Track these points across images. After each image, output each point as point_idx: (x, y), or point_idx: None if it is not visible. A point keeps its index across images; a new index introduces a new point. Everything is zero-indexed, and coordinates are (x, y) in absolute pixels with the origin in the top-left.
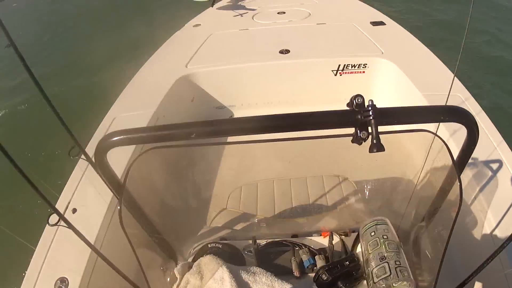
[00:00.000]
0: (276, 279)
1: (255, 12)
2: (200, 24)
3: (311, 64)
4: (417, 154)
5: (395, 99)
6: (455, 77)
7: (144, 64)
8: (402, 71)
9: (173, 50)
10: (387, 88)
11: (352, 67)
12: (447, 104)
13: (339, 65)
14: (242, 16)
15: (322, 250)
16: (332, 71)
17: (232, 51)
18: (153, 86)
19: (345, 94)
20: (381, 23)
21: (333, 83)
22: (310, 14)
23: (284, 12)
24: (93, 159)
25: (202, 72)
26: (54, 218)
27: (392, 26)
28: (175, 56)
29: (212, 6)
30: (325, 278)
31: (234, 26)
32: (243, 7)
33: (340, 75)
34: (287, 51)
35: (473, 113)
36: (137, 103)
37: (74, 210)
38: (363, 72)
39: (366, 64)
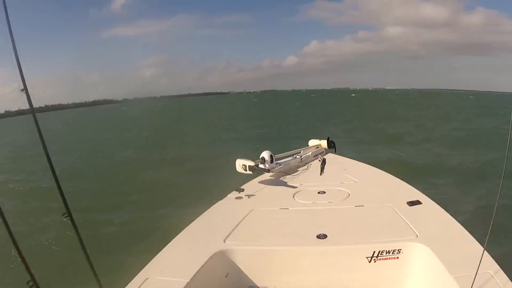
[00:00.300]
0: None
1: (296, 190)
2: (242, 197)
3: (347, 251)
4: None
5: (428, 283)
6: (485, 251)
7: (185, 229)
8: (434, 254)
9: (213, 221)
10: (420, 272)
11: (386, 253)
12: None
13: (374, 252)
14: (284, 192)
15: None
16: (366, 257)
17: (271, 230)
18: (190, 255)
19: (377, 282)
20: (418, 202)
21: (366, 269)
22: (349, 194)
23: (325, 192)
24: None
25: (240, 249)
26: None
27: (428, 204)
28: (215, 227)
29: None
30: None
31: (275, 203)
32: (285, 184)
33: (375, 261)
34: (325, 236)
35: None
36: (172, 267)
37: None
38: (397, 258)
39: (401, 249)
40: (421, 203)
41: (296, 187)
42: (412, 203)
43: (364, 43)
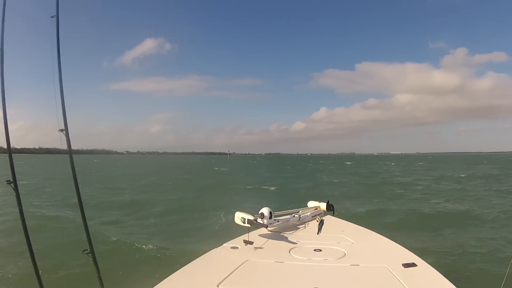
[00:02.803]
0: None
1: (293, 246)
2: (238, 247)
3: None
4: None
5: None
6: None
7: (179, 270)
8: None
9: (208, 266)
10: None
11: None
12: None
13: None
14: (280, 247)
15: None
16: None
17: (265, 282)
18: None
19: None
20: (413, 265)
21: None
22: (345, 254)
23: (321, 250)
24: None
25: None
26: None
27: (423, 267)
28: (210, 272)
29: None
30: None
31: (271, 256)
32: (282, 239)
33: None
34: None
35: None
36: None
37: None
38: None
39: None
40: (416, 265)
41: (293, 243)
42: (407, 265)
43: (372, 110)
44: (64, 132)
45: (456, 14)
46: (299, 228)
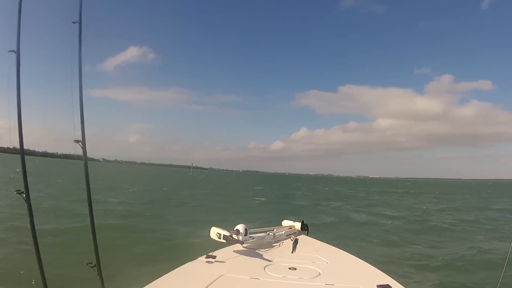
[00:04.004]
0: None
1: (268, 263)
2: (213, 262)
3: None
4: None
5: None
6: None
7: (151, 283)
8: None
9: (182, 280)
10: None
11: None
12: None
13: None
14: (255, 264)
15: None
16: None
17: None
18: None
19: None
20: (387, 286)
21: None
22: (320, 273)
23: (296, 268)
24: None
25: None
26: None
27: None
28: (184, 285)
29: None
30: None
31: (246, 272)
32: (257, 255)
33: None
34: None
35: None
36: None
37: None
38: None
39: None
40: (391, 287)
41: (268, 260)
42: (381, 287)
43: (353, 133)
44: (80, 143)
45: (443, 41)
46: (274, 246)
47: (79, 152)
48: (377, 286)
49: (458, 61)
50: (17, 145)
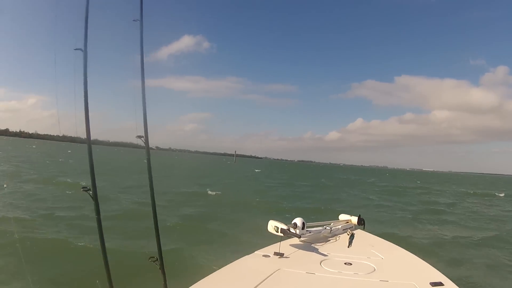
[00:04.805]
0: None
1: (324, 257)
2: (269, 256)
3: None
4: None
5: None
6: None
7: (208, 276)
8: None
9: (239, 273)
10: None
11: None
12: None
13: None
14: (311, 258)
15: None
16: None
17: None
18: None
19: None
20: (440, 284)
21: None
22: (375, 269)
23: (351, 264)
24: None
25: None
26: None
27: (450, 286)
28: (240, 279)
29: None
30: None
31: (302, 267)
32: (314, 250)
33: None
34: None
35: None
36: None
37: None
38: None
39: None
40: (443, 285)
41: (324, 255)
42: (434, 284)
43: (408, 125)
44: (143, 138)
45: (498, 31)
46: (330, 240)
47: (141, 143)
48: (430, 283)
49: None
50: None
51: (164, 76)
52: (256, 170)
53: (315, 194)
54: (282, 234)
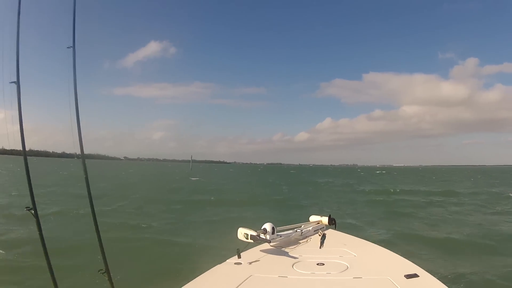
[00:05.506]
0: None
1: (295, 260)
2: (241, 263)
3: None
4: None
5: None
6: None
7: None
8: None
9: (211, 283)
10: None
11: None
12: None
13: None
14: (283, 262)
15: None
16: None
17: None
18: None
19: None
20: (415, 276)
21: None
22: (348, 267)
23: (324, 264)
24: None
25: None
26: None
27: (425, 277)
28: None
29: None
30: None
31: (274, 271)
32: (285, 254)
33: None
34: None
35: None
36: None
37: None
38: None
39: None
40: (418, 276)
41: (296, 258)
42: (409, 276)
43: (378, 122)
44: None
45: (468, 24)
46: (301, 242)
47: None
48: (405, 275)
49: (482, 44)
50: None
51: (131, 84)
52: (193, 179)
53: None
54: (252, 241)
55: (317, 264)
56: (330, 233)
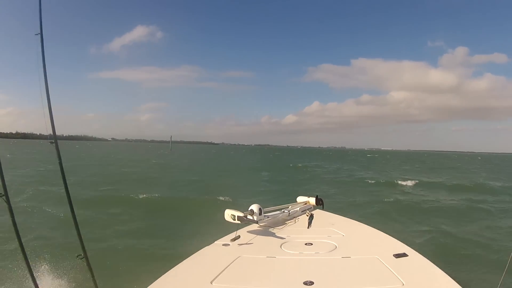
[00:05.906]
0: None
1: (283, 240)
2: (229, 244)
3: None
4: None
5: None
6: None
7: (172, 269)
8: None
9: (201, 263)
10: None
11: None
12: None
13: None
14: (271, 242)
15: None
16: None
17: (258, 276)
18: None
19: None
20: (404, 255)
21: None
22: (336, 247)
23: (312, 244)
24: None
25: None
26: None
27: (414, 257)
28: (203, 270)
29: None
30: None
31: (262, 252)
32: (273, 234)
33: None
34: (311, 283)
35: None
36: None
37: None
38: None
39: None
40: (407, 255)
41: (283, 238)
42: (398, 255)
43: (366, 106)
44: (54, 144)
45: (458, 13)
46: (289, 223)
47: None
48: (394, 255)
49: (472, 34)
50: None
51: (119, 68)
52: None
53: None
54: (239, 222)
55: (305, 244)
56: (318, 213)
